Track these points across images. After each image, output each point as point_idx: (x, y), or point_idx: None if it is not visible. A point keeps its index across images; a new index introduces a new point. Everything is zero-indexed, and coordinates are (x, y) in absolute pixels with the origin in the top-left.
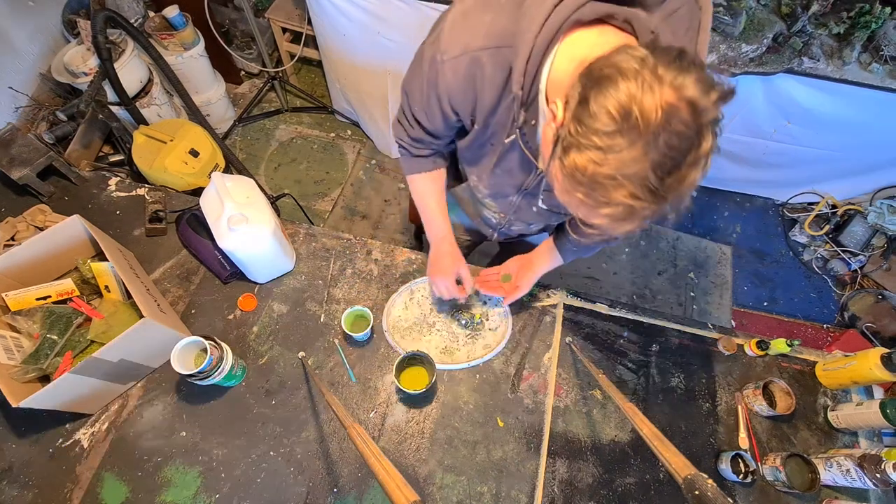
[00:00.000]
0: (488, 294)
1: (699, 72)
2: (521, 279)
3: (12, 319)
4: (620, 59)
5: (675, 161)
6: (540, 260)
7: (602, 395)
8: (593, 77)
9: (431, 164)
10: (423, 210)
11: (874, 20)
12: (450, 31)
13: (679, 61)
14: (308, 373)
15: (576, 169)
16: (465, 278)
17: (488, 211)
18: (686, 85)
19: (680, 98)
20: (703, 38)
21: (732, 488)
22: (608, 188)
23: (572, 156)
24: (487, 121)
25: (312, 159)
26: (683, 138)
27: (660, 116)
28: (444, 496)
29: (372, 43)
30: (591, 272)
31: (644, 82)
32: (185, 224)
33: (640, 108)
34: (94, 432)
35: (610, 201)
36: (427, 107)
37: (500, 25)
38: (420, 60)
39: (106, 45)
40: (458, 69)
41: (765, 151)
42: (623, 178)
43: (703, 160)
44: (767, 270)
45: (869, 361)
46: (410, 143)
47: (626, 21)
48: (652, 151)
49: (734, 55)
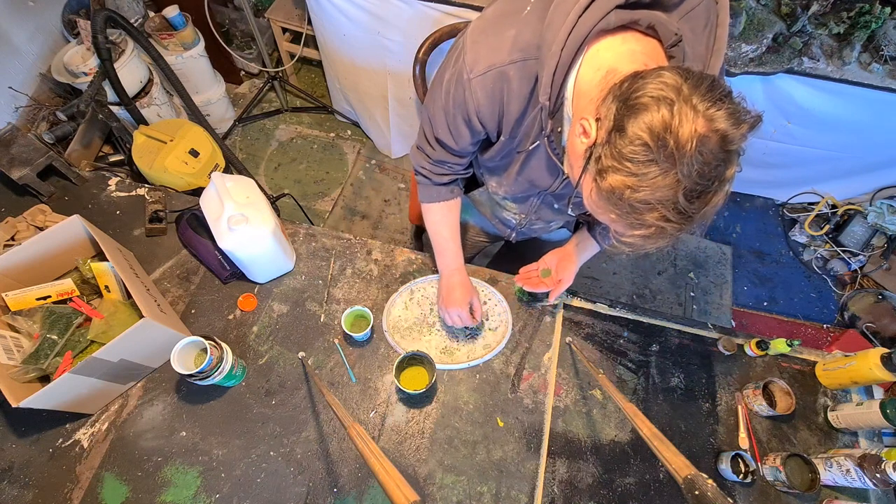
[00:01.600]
0: (533, 291)
1: (731, 103)
2: (563, 272)
3: (12, 319)
4: (656, 88)
5: (704, 186)
6: (577, 251)
7: (602, 395)
8: (629, 103)
9: (449, 194)
10: (436, 240)
11: (874, 20)
12: (473, 49)
13: (712, 92)
14: (308, 373)
15: (612, 192)
16: (476, 308)
17: (507, 213)
18: (718, 117)
19: (712, 130)
20: (720, 32)
21: (732, 488)
22: (642, 212)
23: (609, 179)
24: (514, 132)
25: (312, 159)
26: (713, 167)
27: (693, 147)
28: (444, 496)
29: (372, 43)
30: (591, 272)
31: (680, 113)
32: (185, 224)
33: (676, 138)
34: (94, 432)
35: (643, 223)
36: (454, 126)
37: (524, 39)
38: (441, 82)
39: (106, 45)
40: (486, 85)
41: (765, 151)
42: (656, 202)
43: (728, 184)
44: (767, 270)
45: (869, 361)
46: (432, 167)
47: (651, 26)
48: (685, 179)
49: (734, 55)
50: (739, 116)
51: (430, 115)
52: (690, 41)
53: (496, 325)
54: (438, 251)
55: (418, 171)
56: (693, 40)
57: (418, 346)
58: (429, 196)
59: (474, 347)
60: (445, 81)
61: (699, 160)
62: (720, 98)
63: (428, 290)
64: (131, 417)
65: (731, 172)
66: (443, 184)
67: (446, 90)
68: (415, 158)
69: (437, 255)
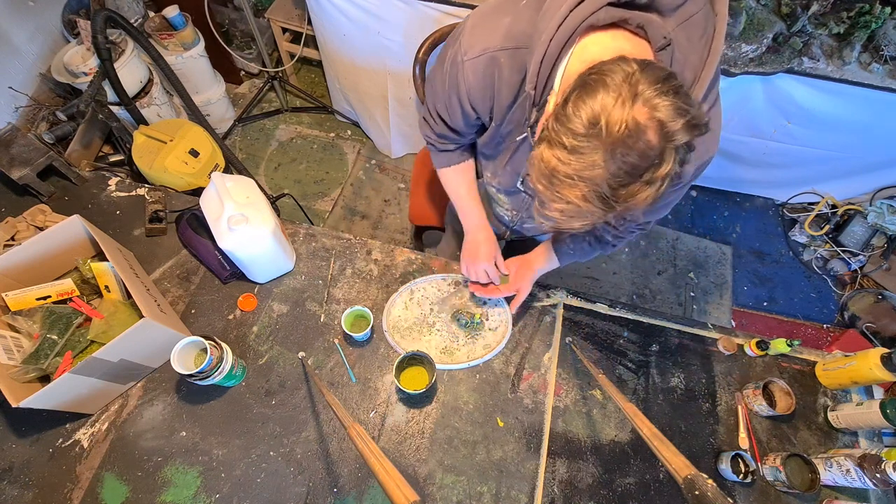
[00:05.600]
0: (486, 297)
1: (681, 99)
2: (521, 281)
3: (12, 319)
4: (610, 69)
5: (630, 176)
6: (537, 260)
7: (602, 395)
8: (582, 80)
9: (458, 157)
10: (456, 200)
11: (874, 20)
12: (470, 33)
13: (663, 83)
14: (308, 373)
15: (541, 161)
16: (500, 263)
17: (501, 208)
18: (660, 106)
19: (650, 118)
20: (716, 44)
21: (732, 488)
22: (565, 186)
23: (542, 148)
24: (504, 119)
25: (312, 159)
26: (644, 157)
27: (622, 130)
28: (444, 496)
29: (372, 43)
30: (590, 272)
31: (620, 96)
32: (185, 224)
33: (608, 118)
34: (94, 432)
35: (563, 198)
36: (449, 104)
37: (518, 28)
38: (442, 61)
39: (106, 45)
40: (478, 68)
41: (765, 151)
42: (580, 179)
43: (660, 182)
44: (767, 270)
45: (869, 361)
46: (436, 139)
47: (640, 26)
48: (610, 162)
49: (734, 55)
50: (683, 111)
51: (431, 88)
52: (684, 49)
53: (496, 325)
54: (460, 210)
55: (426, 140)
56: (688, 48)
57: (418, 346)
58: (439, 161)
59: (474, 347)
60: (446, 60)
61: (629, 145)
62: (671, 91)
63: (428, 290)
64: (131, 417)
65: (664, 170)
66: (449, 150)
67: (445, 69)
68: (421, 128)
69: (460, 215)
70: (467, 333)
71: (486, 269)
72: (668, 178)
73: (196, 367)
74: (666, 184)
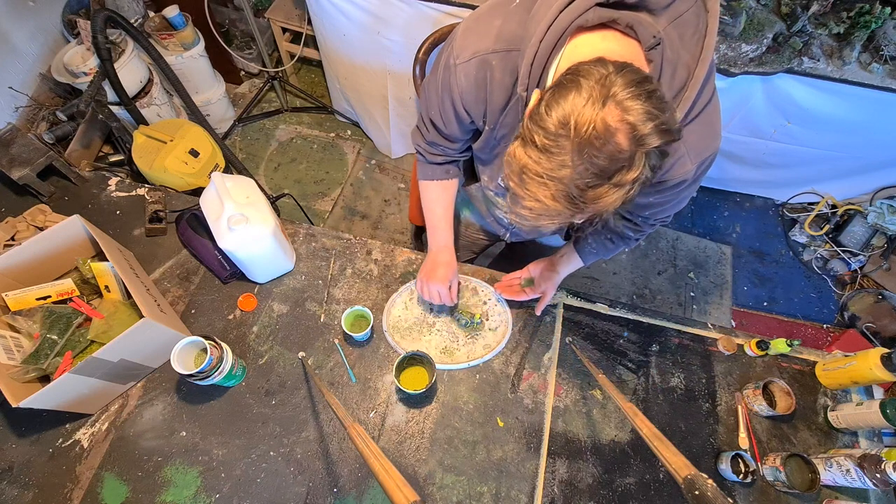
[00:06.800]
0: (512, 299)
1: (653, 103)
2: (545, 283)
3: (12, 319)
4: (586, 70)
5: (598, 177)
6: (561, 262)
7: (602, 395)
8: (558, 81)
9: (444, 174)
10: (429, 217)
11: (874, 20)
12: (462, 37)
13: (637, 87)
14: (308, 373)
15: (514, 158)
16: (453, 288)
17: (499, 210)
18: (632, 110)
19: (621, 120)
20: (709, 42)
21: (732, 488)
22: (535, 184)
23: (516, 145)
24: (497, 122)
25: (312, 159)
26: (613, 159)
27: (590, 132)
28: (444, 496)
29: (372, 43)
30: (590, 272)
31: (592, 97)
32: (185, 224)
33: (577, 119)
34: (94, 432)
35: (533, 196)
36: (442, 109)
37: (509, 30)
38: (436, 66)
39: (106, 45)
40: (470, 71)
41: (765, 151)
42: (549, 179)
43: (628, 186)
44: (767, 270)
45: (869, 361)
46: (426, 147)
47: (629, 26)
48: (577, 162)
49: (734, 55)
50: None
51: (426, 96)
52: (676, 47)
53: (496, 325)
54: (430, 228)
55: (415, 148)
56: (680, 46)
57: (418, 346)
58: (425, 174)
59: (474, 347)
60: (439, 66)
61: (597, 147)
62: (644, 95)
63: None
64: (131, 417)
65: (633, 174)
66: (437, 163)
67: (438, 75)
68: (413, 137)
69: (429, 232)
70: (467, 333)
71: (440, 290)
72: (639, 183)
73: (196, 367)
74: (636, 188)
